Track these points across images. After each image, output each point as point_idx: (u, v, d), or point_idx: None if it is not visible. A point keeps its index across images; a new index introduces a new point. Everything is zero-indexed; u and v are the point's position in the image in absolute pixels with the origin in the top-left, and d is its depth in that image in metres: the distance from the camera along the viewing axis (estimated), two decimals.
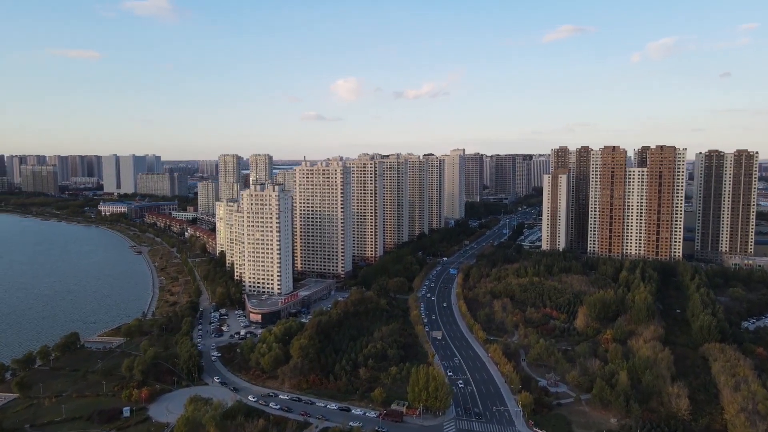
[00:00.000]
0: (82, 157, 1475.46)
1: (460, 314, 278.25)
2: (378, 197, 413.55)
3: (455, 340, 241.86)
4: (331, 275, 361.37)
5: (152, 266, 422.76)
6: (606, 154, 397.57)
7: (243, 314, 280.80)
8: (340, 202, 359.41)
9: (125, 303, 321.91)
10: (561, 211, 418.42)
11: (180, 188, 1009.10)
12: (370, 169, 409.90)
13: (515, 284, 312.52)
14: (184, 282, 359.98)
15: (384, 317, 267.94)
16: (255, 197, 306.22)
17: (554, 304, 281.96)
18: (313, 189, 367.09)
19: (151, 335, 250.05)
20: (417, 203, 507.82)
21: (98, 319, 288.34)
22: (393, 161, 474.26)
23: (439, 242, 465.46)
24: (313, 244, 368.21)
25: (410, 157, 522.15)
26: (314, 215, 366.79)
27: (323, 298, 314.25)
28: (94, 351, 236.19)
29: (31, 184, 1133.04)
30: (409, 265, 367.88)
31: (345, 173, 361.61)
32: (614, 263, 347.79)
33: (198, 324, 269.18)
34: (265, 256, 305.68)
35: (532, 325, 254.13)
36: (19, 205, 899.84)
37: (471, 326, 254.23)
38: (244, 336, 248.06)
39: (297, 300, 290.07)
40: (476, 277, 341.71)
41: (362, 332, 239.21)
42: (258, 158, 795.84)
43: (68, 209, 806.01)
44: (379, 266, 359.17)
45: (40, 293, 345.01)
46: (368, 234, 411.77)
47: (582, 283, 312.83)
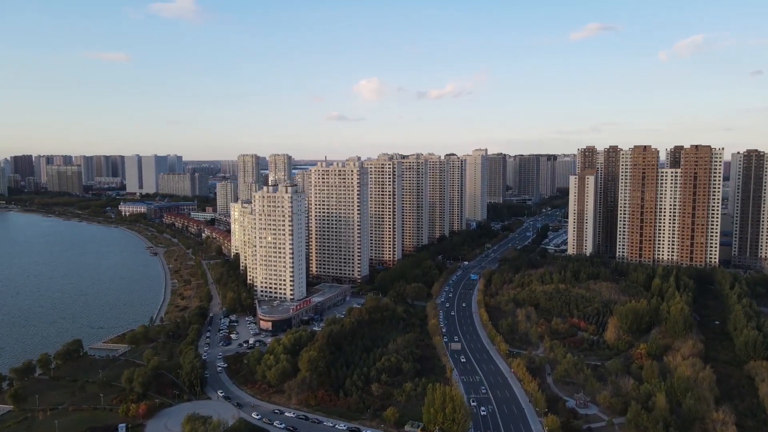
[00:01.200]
0: (106, 158, 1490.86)
1: (481, 323, 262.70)
2: (396, 198, 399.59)
3: (475, 353, 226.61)
4: (347, 280, 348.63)
5: (166, 268, 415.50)
6: (637, 154, 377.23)
7: (253, 321, 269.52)
8: (356, 204, 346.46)
9: (135, 307, 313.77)
10: (588, 214, 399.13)
11: (201, 188, 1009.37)
12: (388, 170, 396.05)
13: (540, 291, 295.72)
14: (196, 285, 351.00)
15: (400, 326, 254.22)
16: (267, 198, 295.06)
17: (582, 313, 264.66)
18: (328, 190, 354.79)
19: (157, 343, 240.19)
20: (437, 205, 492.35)
21: (106, 324, 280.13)
22: (413, 161, 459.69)
23: (460, 245, 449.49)
24: (328, 248, 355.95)
25: (431, 158, 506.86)
26: (330, 217, 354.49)
27: (338, 304, 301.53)
28: (97, 359, 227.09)
29: (57, 184, 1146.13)
30: (428, 270, 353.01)
31: (362, 174, 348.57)
32: (646, 270, 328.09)
33: (207, 331, 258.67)
34: (278, 260, 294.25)
35: (558, 336, 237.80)
36: (43, 204, 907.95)
37: (492, 337, 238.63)
38: (252, 345, 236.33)
39: (309, 306, 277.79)
40: (498, 284, 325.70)
41: (376, 342, 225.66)
42: (277, 158, 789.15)
43: (89, 209, 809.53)
44: (397, 271, 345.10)
45: (52, 296, 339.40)
46: (386, 237, 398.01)
47: (611, 291, 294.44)
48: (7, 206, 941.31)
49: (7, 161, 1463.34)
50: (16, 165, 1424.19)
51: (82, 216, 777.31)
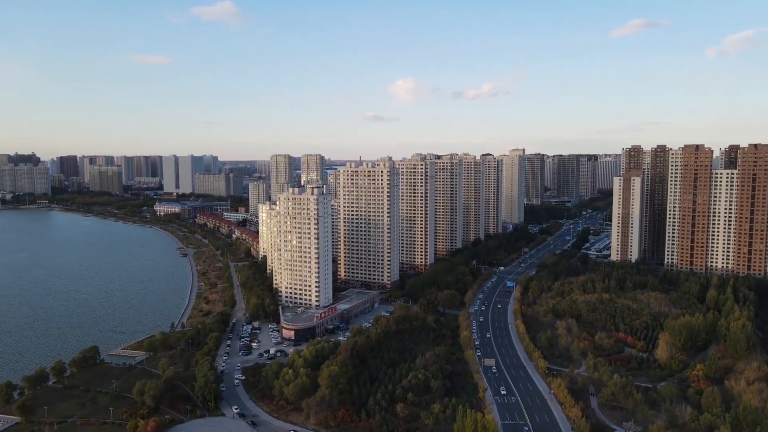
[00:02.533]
0: (146, 158, 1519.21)
1: (518, 336, 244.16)
2: (429, 200, 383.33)
3: (511, 369, 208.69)
4: (377, 285, 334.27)
5: (194, 270, 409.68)
6: (688, 153, 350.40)
7: (276, 328, 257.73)
8: (386, 206, 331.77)
9: (159, 311, 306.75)
10: (634, 218, 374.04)
11: (235, 188, 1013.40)
12: (420, 170, 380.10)
13: (581, 301, 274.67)
14: (222, 289, 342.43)
15: (430, 337, 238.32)
16: (292, 200, 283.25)
17: (629, 327, 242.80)
18: (357, 191, 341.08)
19: (176, 351, 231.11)
20: (472, 207, 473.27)
21: (128, 329, 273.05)
22: (446, 162, 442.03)
23: (495, 250, 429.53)
24: (357, 252, 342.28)
25: (465, 158, 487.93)
26: (359, 220, 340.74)
27: (365, 312, 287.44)
28: (113, 367, 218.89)
29: (98, 184, 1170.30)
30: (461, 276, 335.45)
31: (392, 174, 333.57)
32: (699, 279, 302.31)
33: (228, 338, 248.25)
34: (303, 264, 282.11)
35: (602, 353, 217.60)
36: (83, 204, 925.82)
37: (530, 352, 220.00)
38: (273, 355, 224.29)
39: (335, 314, 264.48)
40: (536, 292, 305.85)
41: (404, 356, 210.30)
42: (309, 158, 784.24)
43: (126, 209, 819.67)
44: (429, 276, 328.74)
45: (79, 298, 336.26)
46: (418, 240, 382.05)
47: (661, 302, 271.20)
48: (50, 206, 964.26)
49: (53, 161, 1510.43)
50: (61, 165, 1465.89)
51: (118, 216, 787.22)
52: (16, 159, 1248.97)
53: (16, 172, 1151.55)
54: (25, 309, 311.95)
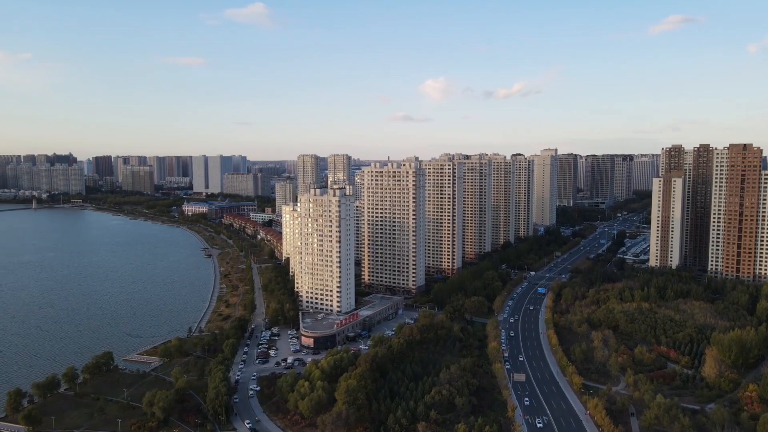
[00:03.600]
0: (177, 158, 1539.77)
1: (550, 348, 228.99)
2: (457, 202, 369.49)
3: (543, 385, 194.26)
4: (401, 290, 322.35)
5: (217, 272, 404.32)
6: (735, 153, 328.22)
7: (296, 335, 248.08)
8: (412, 208, 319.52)
9: (178, 314, 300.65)
10: (674, 221, 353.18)
11: (263, 188, 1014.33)
12: (448, 171, 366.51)
13: (619, 311, 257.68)
14: (243, 292, 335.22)
15: (456, 348, 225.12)
16: (314, 202, 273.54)
17: (671, 340, 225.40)
18: (382, 192, 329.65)
19: (191, 357, 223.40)
20: (502, 208, 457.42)
21: (145, 333, 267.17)
22: (475, 162, 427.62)
23: (526, 253, 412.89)
24: (381, 255, 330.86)
25: (495, 158, 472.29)
26: (383, 222, 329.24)
27: (388, 319, 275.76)
28: (127, 374, 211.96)
29: (130, 184, 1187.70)
30: (489, 281, 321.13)
31: (418, 175, 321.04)
32: (747, 288, 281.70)
33: (245, 344, 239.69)
34: (324, 269, 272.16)
35: (643, 368, 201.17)
36: (115, 203, 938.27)
37: (564, 367, 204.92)
38: (290, 364, 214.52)
39: (356, 321, 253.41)
40: (569, 299, 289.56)
41: (427, 368, 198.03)
42: (336, 158, 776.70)
43: (155, 209, 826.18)
44: (455, 282, 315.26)
45: (100, 299, 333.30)
46: (445, 243, 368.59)
47: (706, 313, 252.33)
48: (83, 205, 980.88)
49: (89, 161, 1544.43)
50: (97, 165, 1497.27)
51: (148, 215, 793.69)
52: (54, 159, 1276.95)
53: (52, 172, 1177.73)
54: (48, 310, 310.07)
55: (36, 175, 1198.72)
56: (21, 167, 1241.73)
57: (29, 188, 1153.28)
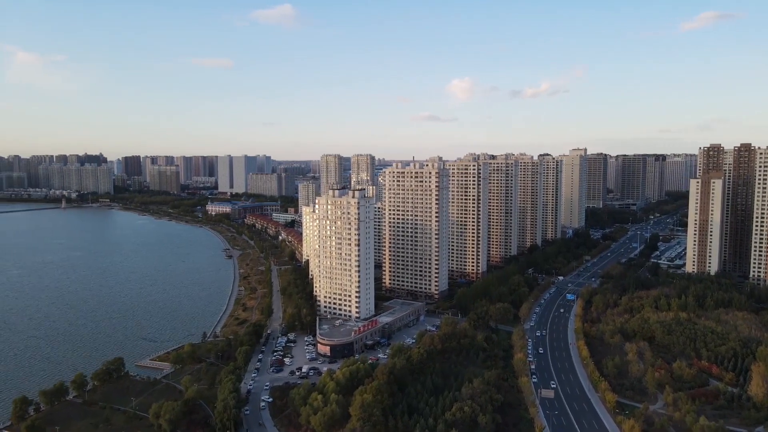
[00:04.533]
0: (203, 158, 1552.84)
1: (580, 360, 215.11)
2: (482, 204, 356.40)
3: (573, 402, 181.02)
4: (423, 295, 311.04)
5: (237, 274, 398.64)
6: None
7: (313, 342, 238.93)
8: (434, 210, 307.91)
9: (195, 318, 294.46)
10: (713, 225, 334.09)
11: (287, 188, 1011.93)
12: (472, 171, 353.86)
13: (654, 321, 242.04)
14: (261, 295, 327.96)
15: (480, 358, 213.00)
16: (332, 203, 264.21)
17: (713, 354, 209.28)
18: (404, 194, 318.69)
19: (204, 364, 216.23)
20: (529, 210, 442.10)
21: (160, 337, 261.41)
22: (501, 162, 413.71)
23: (553, 257, 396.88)
24: (403, 259, 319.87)
25: (522, 158, 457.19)
26: (405, 224, 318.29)
27: (409, 325, 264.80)
28: (138, 381, 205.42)
29: (157, 183, 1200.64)
30: (516, 287, 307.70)
31: (441, 176, 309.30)
32: None
33: (261, 351, 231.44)
34: (343, 273, 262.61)
35: (683, 385, 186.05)
36: (141, 203, 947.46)
37: (595, 382, 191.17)
38: (305, 374, 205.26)
39: (375, 328, 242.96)
40: (601, 307, 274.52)
41: (449, 381, 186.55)
42: (360, 158, 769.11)
43: (180, 208, 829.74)
44: (479, 287, 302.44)
45: (119, 301, 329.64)
46: (469, 247, 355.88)
47: (751, 324, 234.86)
48: (111, 204, 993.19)
49: (119, 161, 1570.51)
50: (126, 165, 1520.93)
51: (172, 215, 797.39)
52: (85, 159, 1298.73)
53: (82, 172, 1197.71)
54: (66, 312, 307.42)
55: (66, 174, 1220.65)
56: (52, 167, 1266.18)
57: (60, 188, 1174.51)
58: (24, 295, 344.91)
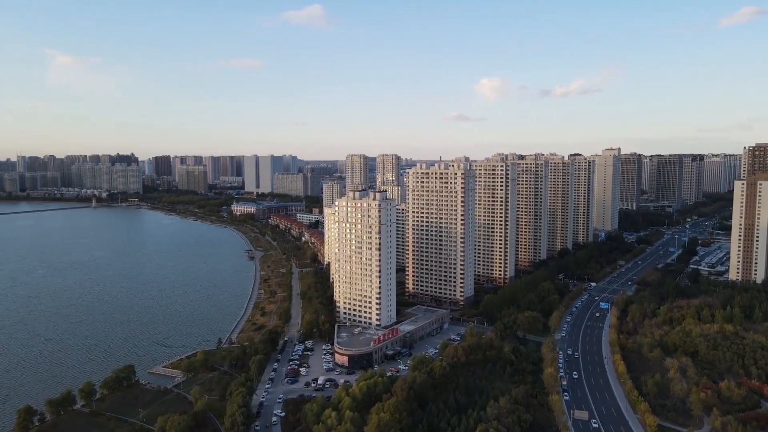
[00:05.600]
0: (231, 158, 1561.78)
1: (616, 377, 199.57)
2: (510, 206, 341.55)
3: (609, 424, 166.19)
4: (448, 301, 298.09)
5: (258, 276, 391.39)
6: None
7: (330, 350, 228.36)
8: (460, 213, 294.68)
9: (211, 322, 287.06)
10: (760, 229, 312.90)
11: (313, 188, 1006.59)
12: (500, 172, 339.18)
13: (697, 333, 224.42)
14: (281, 299, 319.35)
15: (507, 372, 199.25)
16: (352, 206, 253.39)
17: (764, 372, 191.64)
18: (428, 195, 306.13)
19: (217, 373, 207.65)
20: (559, 213, 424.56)
21: (175, 342, 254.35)
22: (530, 163, 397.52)
23: (585, 262, 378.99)
24: (427, 263, 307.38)
25: (552, 158, 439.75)
26: (429, 227, 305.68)
27: (432, 334, 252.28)
28: (148, 389, 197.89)
29: (185, 183, 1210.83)
30: (545, 294, 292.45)
31: (467, 177, 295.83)
32: None
33: (276, 360, 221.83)
34: (363, 278, 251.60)
35: (732, 407, 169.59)
36: (169, 202, 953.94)
37: (634, 402, 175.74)
38: (321, 386, 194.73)
39: (396, 338, 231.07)
40: (637, 317, 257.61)
41: (473, 397, 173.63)
42: (385, 158, 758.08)
43: (205, 208, 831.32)
44: (507, 294, 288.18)
45: (137, 304, 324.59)
46: (496, 251, 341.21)
47: None
48: (139, 204, 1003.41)
49: (149, 161, 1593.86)
50: (157, 165, 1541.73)
51: (198, 215, 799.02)
52: (117, 159, 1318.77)
53: (112, 172, 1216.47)
54: (84, 314, 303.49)
55: (98, 174, 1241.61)
56: (84, 167, 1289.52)
57: (91, 187, 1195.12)
58: (46, 296, 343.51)
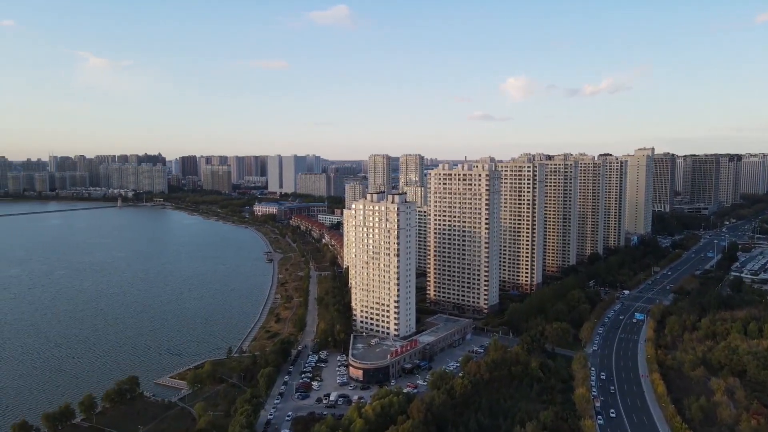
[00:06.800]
0: (256, 158, 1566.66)
1: (655, 398, 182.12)
2: (537, 209, 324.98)
3: None
4: (471, 309, 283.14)
5: (275, 279, 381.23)
6: None
7: (345, 362, 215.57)
8: (484, 216, 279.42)
9: (224, 329, 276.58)
10: None
11: (336, 189, 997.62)
12: (527, 173, 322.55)
13: (745, 350, 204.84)
14: (297, 304, 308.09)
15: (534, 390, 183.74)
16: (370, 209, 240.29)
17: None
18: (450, 198, 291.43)
19: (224, 386, 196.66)
20: (589, 216, 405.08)
21: (185, 350, 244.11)
22: (558, 163, 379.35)
23: (617, 268, 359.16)
24: (449, 269, 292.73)
25: (582, 158, 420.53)
26: (451, 231, 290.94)
27: (454, 345, 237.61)
28: (152, 403, 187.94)
29: (210, 183, 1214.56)
30: (575, 303, 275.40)
31: (492, 178, 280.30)
32: None
33: (287, 372, 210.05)
34: (381, 285, 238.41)
35: None
36: (193, 202, 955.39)
37: (677, 430, 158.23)
38: (333, 402, 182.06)
39: (415, 350, 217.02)
40: (676, 330, 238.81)
41: (497, 420, 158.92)
42: (408, 158, 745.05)
43: (228, 208, 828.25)
44: (534, 303, 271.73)
45: (151, 308, 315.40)
46: (522, 256, 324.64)
47: None
48: (163, 204, 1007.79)
49: (176, 161, 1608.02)
50: (183, 165, 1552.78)
51: (220, 215, 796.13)
52: (145, 159, 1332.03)
53: (139, 171, 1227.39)
54: (97, 319, 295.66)
55: (124, 174, 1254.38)
56: (112, 166, 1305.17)
57: (118, 187, 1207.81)
58: (61, 299, 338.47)
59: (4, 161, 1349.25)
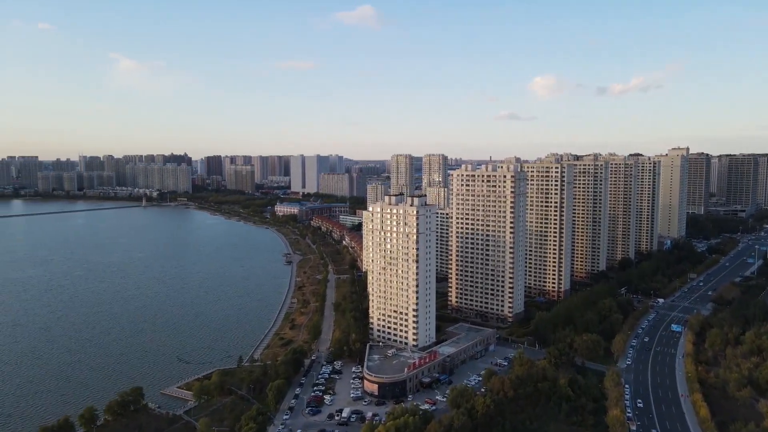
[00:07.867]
0: (279, 157, 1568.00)
1: (697, 422, 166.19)
2: (565, 211, 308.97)
3: None
4: (495, 317, 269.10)
5: (293, 282, 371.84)
6: None
7: (360, 374, 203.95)
8: (509, 219, 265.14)
9: (238, 335, 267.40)
10: None
11: (358, 189, 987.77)
12: (554, 174, 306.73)
13: None
14: (313, 310, 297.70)
15: (562, 411, 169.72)
16: (388, 212, 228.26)
17: None
18: (473, 200, 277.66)
19: (232, 398, 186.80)
20: (620, 219, 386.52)
21: (196, 358, 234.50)
22: (588, 164, 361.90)
23: (651, 274, 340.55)
24: (472, 275, 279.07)
25: (613, 159, 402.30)
26: (475, 235, 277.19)
27: (476, 357, 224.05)
28: (156, 415, 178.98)
29: (234, 183, 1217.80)
30: (607, 312, 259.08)
31: (517, 180, 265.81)
32: None
33: (299, 383, 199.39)
34: (399, 293, 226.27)
35: None
36: (216, 202, 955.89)
37: None
38: (346, 419, 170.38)
39: (435, 362, 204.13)
40: (718, 344, 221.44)
41: None
42: (431, 158, 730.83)
43: (250, 208, 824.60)
44: (561, 312, 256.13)
45: (166, 312, 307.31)
46: (549, 261, 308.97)
47: None
48: (187, 204, 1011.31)
49: (202, 161, 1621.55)
50: (208, 164, 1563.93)
51: (242, 215, 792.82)
52: (171, 159, 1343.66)
53: (164, 171, 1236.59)
54: (109, 323, 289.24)
55: (150, 174, 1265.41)
56: (138, 166, 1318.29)
57: (144, 186, 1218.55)
58: (77, 301, 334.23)
59: (35, 161, 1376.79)
